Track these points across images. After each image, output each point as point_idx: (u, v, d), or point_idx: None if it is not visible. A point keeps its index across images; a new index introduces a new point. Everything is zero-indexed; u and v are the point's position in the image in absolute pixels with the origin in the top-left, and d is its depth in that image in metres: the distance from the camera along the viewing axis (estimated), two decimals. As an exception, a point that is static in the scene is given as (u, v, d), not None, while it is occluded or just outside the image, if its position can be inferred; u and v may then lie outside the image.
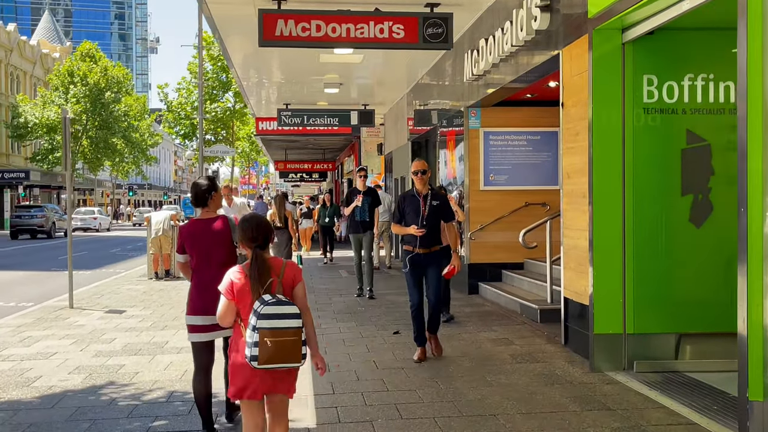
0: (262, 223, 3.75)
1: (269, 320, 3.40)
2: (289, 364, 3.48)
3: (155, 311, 10.26)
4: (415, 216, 6.83)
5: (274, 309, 3.42)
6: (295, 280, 3.67)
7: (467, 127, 11.31)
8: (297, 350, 3.46)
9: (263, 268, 3.58)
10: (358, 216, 11.35)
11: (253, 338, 3.40)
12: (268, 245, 3.72)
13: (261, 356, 3.40)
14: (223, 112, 26.15)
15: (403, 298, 10.82)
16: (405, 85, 16.48)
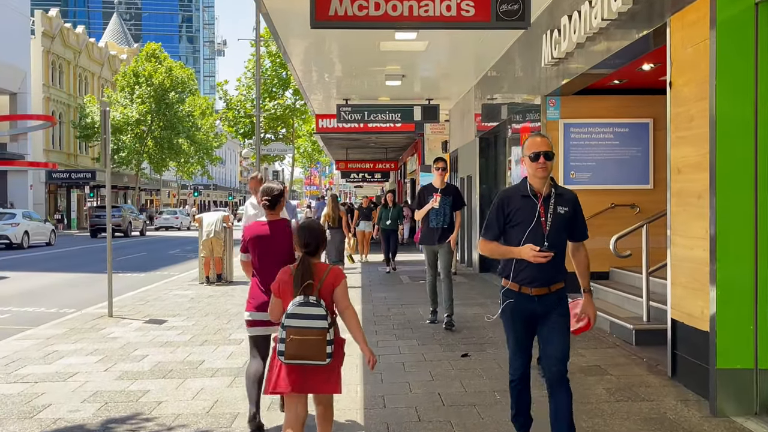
0: (316, 230, 4.02)
1: (296, 319, 3.70)
2: (313, 361, 3.71)
3: (198, 322, 9.34)
4: (528, 229, 4.08)
5: (302, 309, 3.71)
6: (335, 285, 3.89)
7: (545, 119, 10.05)
8: (321, 349, 3.69)
9: (306, 271, 3.83)
10: (433, 221, 8.63)
11: (282, 335, 3.72)
12: (318, 252, 4.00)
13: (287, 352, 3.70)
14: (283, 109, 25.31)
15: (472, 311, 9.63)
16: (472, 77, 15.26)
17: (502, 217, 4.19)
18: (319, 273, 3.86)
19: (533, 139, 4.21)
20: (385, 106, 17.50)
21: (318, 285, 3.81)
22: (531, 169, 4.18)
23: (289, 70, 25.33)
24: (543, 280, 4.09)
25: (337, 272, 3.95)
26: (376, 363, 3.95)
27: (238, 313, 9.95)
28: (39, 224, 30.12)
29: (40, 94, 46.83)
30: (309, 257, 3.92)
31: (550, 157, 4.13)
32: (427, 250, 8.93)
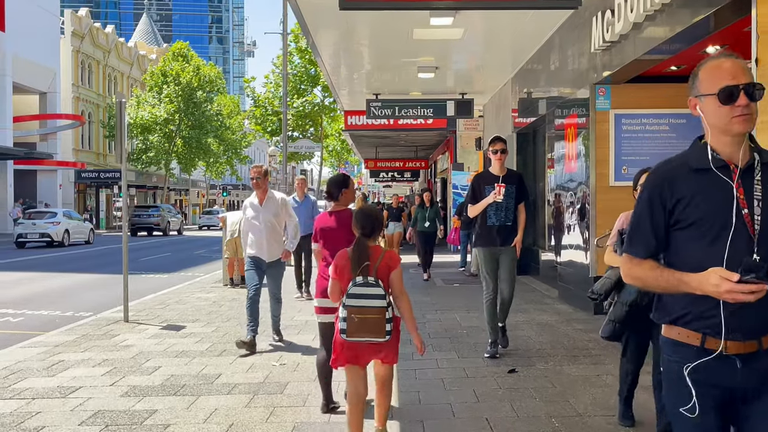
0: (372, 215, 4.23)
1: (356, 299, 3.90)
2: (374, 338, 3.93)
3: (218, 328, 8.68)
4: (720, 233, 2.21)
5: (361, 290, 3.92)
6: (391, 267, 4.09)
7: (593, 109, 9.24)
8: (380, 327, 3.89)
9: (363, 253, 4.03)
10: (493, 217, 6.88)
11: (343, 314, 3.93)
12: (374, 235, 4.18)
13: (348, 330, 3.91)
14: (311, 107, 24.69)
15: (514, 318, 8.82)
16: (509, 69, 14.46)
17: (662, 216, 2.31)
18: (375, 255, 4.09)
19: (720, 64, 2.29)
20: (416, 100, 16.76)
21: (375, 266, 4.03)
22: (720, 118, 2.26)
23: (318, 67, 24.70)
24: (751, 331, 2.21)
25: (393, 256, 4.20)
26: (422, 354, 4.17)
27: (261, 319, 9.26)
28: (79, 223, 30.76)
29: (70, 93, 46.87)
30: (365, 240, 4.14)
31: (757, 95, 2.24)
32: (486, 256, 6.98)
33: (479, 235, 7.06)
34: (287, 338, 8.01)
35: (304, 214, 10.54)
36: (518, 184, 7.10)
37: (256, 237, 7.45)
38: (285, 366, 6.62)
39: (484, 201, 6.86)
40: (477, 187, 6.99)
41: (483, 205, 6.86)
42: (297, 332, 8.37)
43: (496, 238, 6.91)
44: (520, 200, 7.12)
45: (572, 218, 10.00)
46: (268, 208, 7.47)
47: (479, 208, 6.90)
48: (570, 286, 10.23)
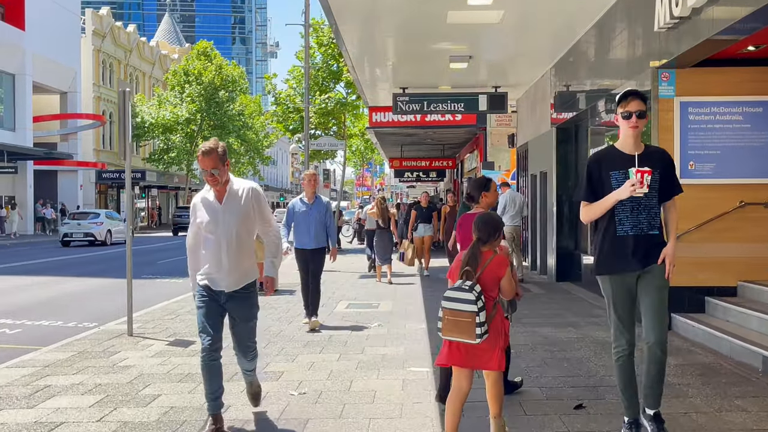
0: (491, 222, 4.37)
1: (449, 302, 4.11)
2: (465, 339, 4.08)
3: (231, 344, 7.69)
4: None
5: (455, 293, 4.10)
6: (498, 275, 4.24)
7: (655, 97, 8.14)
8: (470, 330, 4.03)
9: (471, 258, 4.21)
10: (626, 222, 4.36)
11: (439, 313, 4.17)
12: (489, 241, 4.30)
13: (443, 329, 4.16)
14: (334, 104, 23.75)
15: (565, 334, 7.74)
16: (548, 59, 13.37)
17: None
18: (483, 261, 4.22)
19: None
20: (446, 94, 15.74)
21: (479, 272, 4.17)
22: None
23: (341, 62, 23.75)
24: None
25: (501, 261, 4.28)
26: None
27: (279, 333, 8.30)
28: (119, 223, 32.28)
29: (90, 93, 46.42)
30: (479, 245, 4.28)
31: None
32: (616, 287, 4.43)
33: (603, 252, 4.41)
34: (305, 357, 7.03)
35: (315, 220, 8.68)
36: (665, 168, 4.44)
37: (207, 252, 4.82)
38: (305, 396, 5.62)
39: (611, 197, 4.26)
40: (596, 173, 4.39)
41: (609, 204, 4.28)
42: (320, 350, 7.37)
43: (631, 257, 4.32)
44: (669, 194, 4.45)
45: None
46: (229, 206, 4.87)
47: (602, 208, 4.31)
48: (625, 297, 9.11)
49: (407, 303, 10.92)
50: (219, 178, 4.65)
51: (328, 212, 8.89)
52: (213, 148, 4.61)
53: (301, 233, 8.74)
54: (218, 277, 4.76)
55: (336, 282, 14.06)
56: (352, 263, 19.07)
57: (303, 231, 8.71)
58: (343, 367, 6.55)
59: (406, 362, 6.71)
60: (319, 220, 8.72)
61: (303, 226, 8.71)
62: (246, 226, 4.80)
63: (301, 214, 8.75)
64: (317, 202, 8.85)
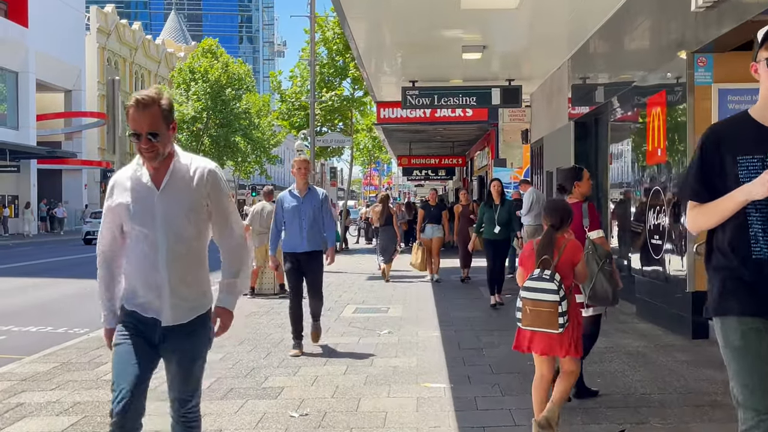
0: (559, 208, 4.35)
1: (529, 292, 4.10)
2: (547, 329, 4.08)
3: (228, 354, 7.07)
4: None
5: (535, 283, 4.08)
6: (574, 261, 4.23)
7: (690, 84, 7.45)
8: (553, 320, 4.02)
9: (546, 245, 4.17)
10: (762, 238, 2.59)
11: (519, 303, 4.18)
12: (561, 227, 4.28)
13: (523, 319, 4.16)
14: (340, 100, 23.12)
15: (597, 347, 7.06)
16: (566, 49, 12.69)
17: None
18: (559, 247, 4.19)
19: None
20: (458, 88, 15.09)
21: (555, 259, 4.13)
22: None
23: (347, 57, 23.10)
24: None
25: (576, 246, 4.29)
26: None
27: (281, 341, 7.66)
28: None
29: (95, 91, 45.82)
30: (553, 232, 4.23)
31: None
32: (745, 338, 2.63)
33: (725, 284, 2.69)
34: (308, 369, 6.39)
35: (309, 216, 7.12)
36: None
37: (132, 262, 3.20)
38: (307, 417, 4.98)
39: (738, 194, 2.58)
40: (712, 156, 2.72)
41: (735, 206, 2.61)
42: (324, 362, 6.72)
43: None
44: None
45: (659, 219, 8.22)
46: None
47: (723, 212, 2.65)
48: (655, 301, 8.45)
49: (418, 307, 10.26)
50: (159, 147, 3.02)
51: (324, 205, 7.28)
52: (154, 99, 3.02)
53: (291, 233, 7.13)
54: (149, 300, 3.12)
55: (342, 284, 13.42)
56: (360, 263, 18.43)
57: (294, 230, 7.10)
58: (350, 382, 5.91)
59: (419, 376, 6.05)
60: (314, 217, 7.13)
61: (294, 224, 7.10)
62: (197, 225, 3.14)
63: (290, 209, 7.14)
64: (310, 194, 7.19)
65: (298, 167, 7.17)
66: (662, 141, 8.11)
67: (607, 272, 4.75)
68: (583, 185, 5.23)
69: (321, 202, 7.23)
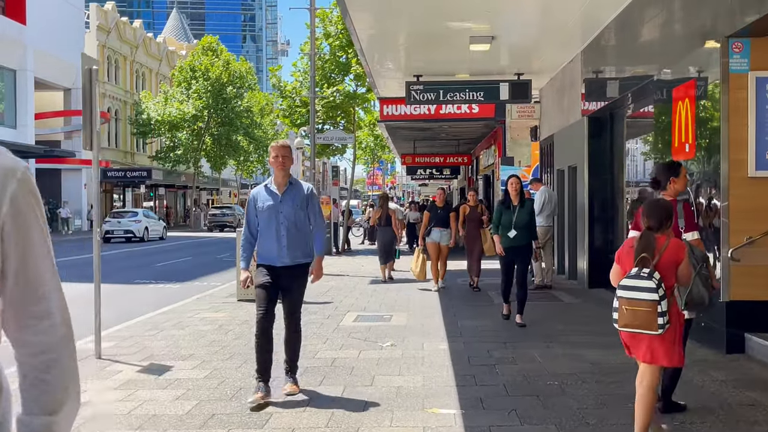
0: (660, 208, 4.14)
1: (626, 291, 3.94)
2: (645, 331, 3.89)
3: (215, 371, 6.39)
4: None
5: (633, 281, 3.92)
6: (677, 259, 4.02)
7: (724, 72, 6.76)
8: (651, 320, 3.84)
9: (644, 244, 3.99)
10: None
11: (615, 303, 4.04)
12: (661, 227, 4.07)
13: (619, 320, 4.01)
14: (342, 97, 22.46)
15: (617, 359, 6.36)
16: (579, 39, 12.01)
17: None
18: (659, 247, 3.99)
19: None
20: (464, 83, 14.41)
21: (656, 258, 3.94)
22: None
23: (349, 53, 22.42)
24: None
25: (679, 245, 4.11)
26: None
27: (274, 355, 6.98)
28: (155, 221, 34.59)
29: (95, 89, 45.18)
30: (651, 234, 4.03)
31: None
32: None
33: None
34: (307, 387, 5.71)
35: (289, 218, 5.52)
36: None
37: None
38: (296, 453, 4.30)
39: None
40: None
41: None
42: (320, 380, 6.05)
43: None
44: None
45: (686, 221, 7.51)
46: None
47: None
48: (681, 311, 7.73)
49: (424, 315, 9.58)
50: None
51: (311, 203, 5.64)
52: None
53: (267, 241, 5.52)
54: None
55: (343, 288, 12.75)
56: (362, 266, 17.78)
57: (270, 237, 5.50)
58: (347, 406, 5.23)
59: (426, 400, 5.37)
60: (296, 219, 5.54)
61: (270, 229, 5.50)
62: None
63: (266, 210, 5.52)
64: (292, 190, 5.56)
65: (276, 155, 5.46)
66: (691, 135, 7.42)
67: (704, 276, 4.55)
68: (679, 182, 4.93)
69: (306, 200, 5.58)
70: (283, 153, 5.52)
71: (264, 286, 5.47)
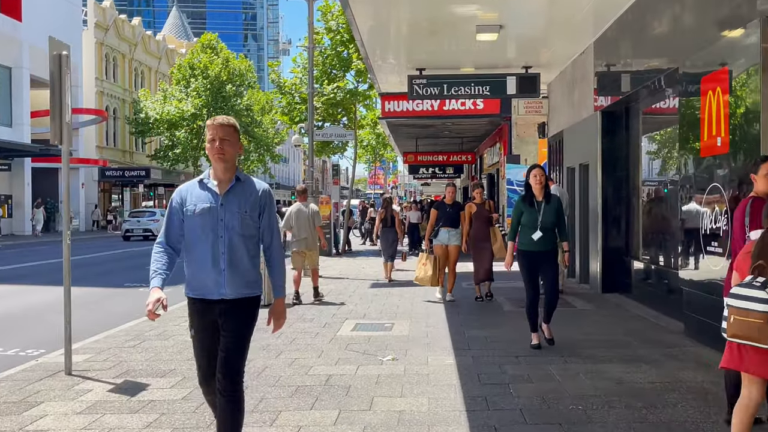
0: None
1: (736, 299, 3.64)
2: (755, 343, 3.57)
3: (194, 391, 5.70)
4: None
5: (744, 290, 3.61)
6: None
7: (766, 57, 6.06)
8: (763, 333, 3.52)
9: (762, 249, 3.63)
10: None
11: (725, 312, 3.72)
12: None
13: (727, 329, 3.69)
14: (344, 94, 21.79)
15: (645, 376, 5.65)
16: (591, 28, 11.33)
17: None
18: None
19: None
20: (469, 76, 13.69)
21: None
22: None
23: (350, 49, 21.75)
24: None
25: None
26: None
27: (262, 371, 6.31)
28: None
29: (93, 88, 44.62)
30: (766, 234, 3.71)
31: None
32: None
33: None
34: (290, 416, 5.03)
35: (233, 229, 3.83)
36: None
37: None
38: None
39: None
40: None
41: None
42: (312, 403, 5.36)
43: None
44: None
45: (717, 222, 6.83)
46: None
47: None
48: (710, 321, 7.04)
49: (427, 323, 8.90)
50: None
51: (267, 211, 3.92)
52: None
53: (198, 262, 3.83)
54: None
55: (343, 293, 12.08)
56: (363, 268, 17.11)
57: (203, 256, 3.81)
58: None
59: (432, 428, 4.69)
60: (243, 231, 3.83)
61: (203, 243, 3.81)
62: None
63: (198, 216, 3.83)
64: (239, 189, 3.86)
65: (212, 137, 3.74)
66: (723, 128, 6.72)
67: None
68: (759, 180, 4.45)
69: (259, 206, 3.86)
70: (222, 134, 3.72)
71: (202, 335, 3.89)
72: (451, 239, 10.75)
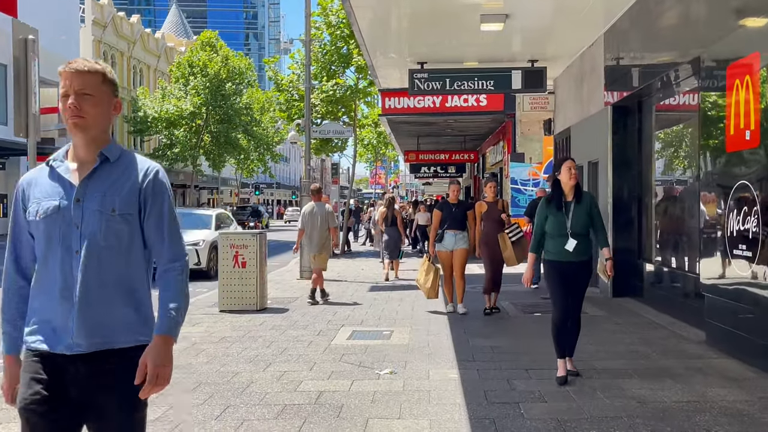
0: None
1: None
2: None
3: (174, 405, 5.14)
4: None
5: None
6: None
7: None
8: None
9: None
10: None
11: None
12: None
13: None
14: (343, 91, 21.22)
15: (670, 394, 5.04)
16: (602, 19, 10.76)
17: None
18: None
19: None
20: (473, 70, 13.11)
21: None
22: None
23: (350, 45, 21.18)
24: None
25: None
26: None
27: (248, 386, 5.74)
28: None
29: (90, 86, 44.00)
30: None
31: None
32: None
33: None
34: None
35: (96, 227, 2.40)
36: None
37: None
38: None
39: None
40: None
41: None
42: (299, 425, 4.79)
43: None
44: None
45: (746, 222, 6.25)
46: None
47: None
48: (738, 330, 6.48)
49: (429, 331, 8.33)
50: None
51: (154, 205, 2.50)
52: None
53: (41, 291, 2.42)
54: None
55: (341, 297, 11.51)
56: (362, 270, 16.54)
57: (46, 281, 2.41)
58: None
59: (434, 459, 4.12)
60: (117, 238, 2.41)
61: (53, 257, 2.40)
62: None
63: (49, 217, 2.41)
64: (106, 172, 2.48)
65: (64, 91, 2.39)
66: (753, 120, 6.14)
67: None
68: None
69: (139, 198, 2.48)
70: (79, 85, 2.39)
71: (30, 415, 2.31)
72: (457, 243, 9.52)
